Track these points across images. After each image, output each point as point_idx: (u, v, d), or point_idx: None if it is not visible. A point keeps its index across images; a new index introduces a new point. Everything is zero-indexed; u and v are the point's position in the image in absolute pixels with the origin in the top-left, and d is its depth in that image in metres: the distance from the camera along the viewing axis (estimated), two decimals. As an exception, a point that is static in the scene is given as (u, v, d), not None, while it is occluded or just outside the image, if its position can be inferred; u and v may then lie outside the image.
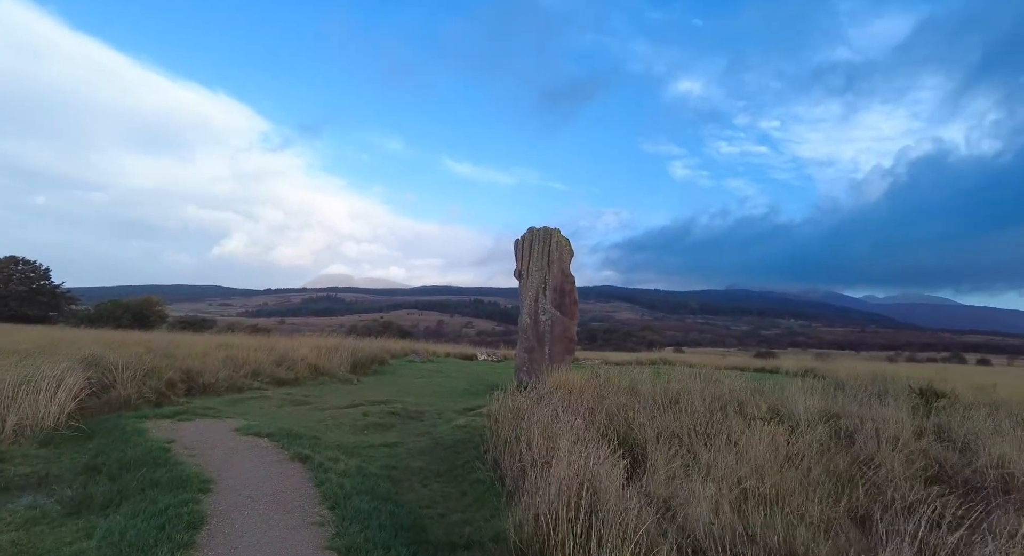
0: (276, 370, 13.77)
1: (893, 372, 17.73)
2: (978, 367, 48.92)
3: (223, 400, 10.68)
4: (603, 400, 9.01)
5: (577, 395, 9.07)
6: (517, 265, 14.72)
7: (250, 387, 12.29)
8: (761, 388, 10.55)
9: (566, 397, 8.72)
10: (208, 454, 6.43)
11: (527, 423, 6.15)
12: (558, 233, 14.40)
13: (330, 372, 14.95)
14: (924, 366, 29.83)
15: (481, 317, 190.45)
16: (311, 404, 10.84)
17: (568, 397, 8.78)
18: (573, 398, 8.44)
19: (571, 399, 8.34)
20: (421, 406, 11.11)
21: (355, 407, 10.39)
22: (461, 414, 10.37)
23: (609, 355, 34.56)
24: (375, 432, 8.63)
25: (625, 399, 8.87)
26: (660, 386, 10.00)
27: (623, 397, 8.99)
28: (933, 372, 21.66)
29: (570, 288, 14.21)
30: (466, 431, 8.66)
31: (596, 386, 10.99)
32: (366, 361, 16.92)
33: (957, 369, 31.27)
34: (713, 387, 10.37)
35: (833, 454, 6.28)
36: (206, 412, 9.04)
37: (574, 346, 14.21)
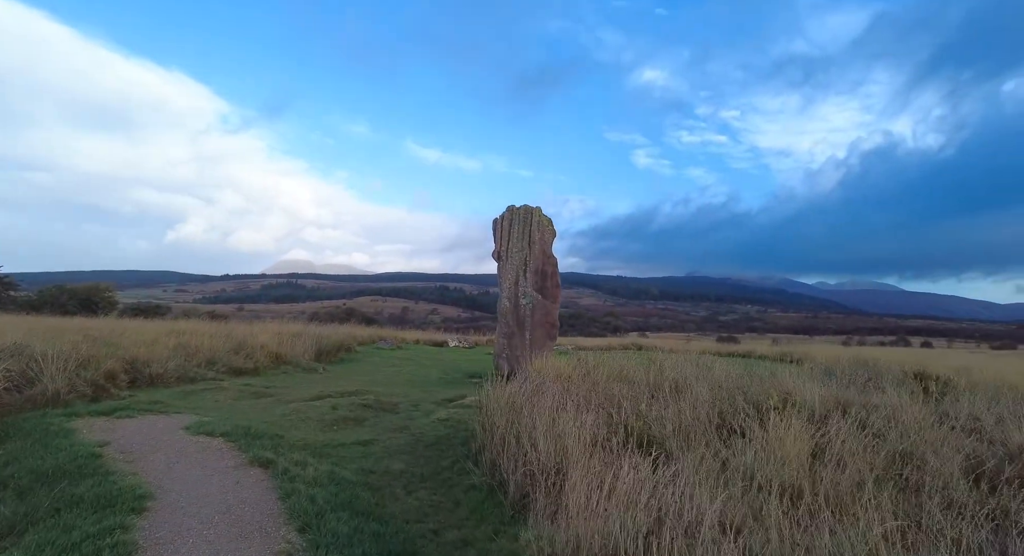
0: (233, 359, 12.62)
1: (870, 356, 17.60)
2: (922, 350, 50.64)
3: (173, 393, 9.55)
4: (595, 388, 8.29)
5: (574, 384, 8.32)
6: (496, 246, 13.86)
7: (204, 378, 11.15)
8: (755, 375, 10.01)
9: (562, 386, 7.96)
10: (149, 460, 5.42)
11: (527, 418, 5.34)
12: (539, 212, 13.57)
13: (293, 360, 13.85)
14: (895, 350, 30.29)
15: (447, 304, 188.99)
16: (273, 396, 9.81)
17: (564, 386, 8.01)
18: (571, 387, 7.67)
19: (569, 388, 7.57)
20: (395, 397, 10.20)
21: (322, 399, 9.41)
22: (440, 406, 9.51)
23: (580, 340, 34.11)
24: (346, 428, 7.70)
25: (622, 388, 8.16)
26: (654, 373, 9.33)
27: (619, 386, 8.28)
28: (907, 356, 21.83)
29: (552, 270, 13.43)
30: (449, 426, 7.81)
31: (584, 374, 10.28)
32: (332, 348, 15.84)
33: (920, 352, 31.98)
34: (707, 374, 9.77)
35: (866, 449, 5.68)
36: (152, 407, 7.94)
37: (556, 331, 13.48)
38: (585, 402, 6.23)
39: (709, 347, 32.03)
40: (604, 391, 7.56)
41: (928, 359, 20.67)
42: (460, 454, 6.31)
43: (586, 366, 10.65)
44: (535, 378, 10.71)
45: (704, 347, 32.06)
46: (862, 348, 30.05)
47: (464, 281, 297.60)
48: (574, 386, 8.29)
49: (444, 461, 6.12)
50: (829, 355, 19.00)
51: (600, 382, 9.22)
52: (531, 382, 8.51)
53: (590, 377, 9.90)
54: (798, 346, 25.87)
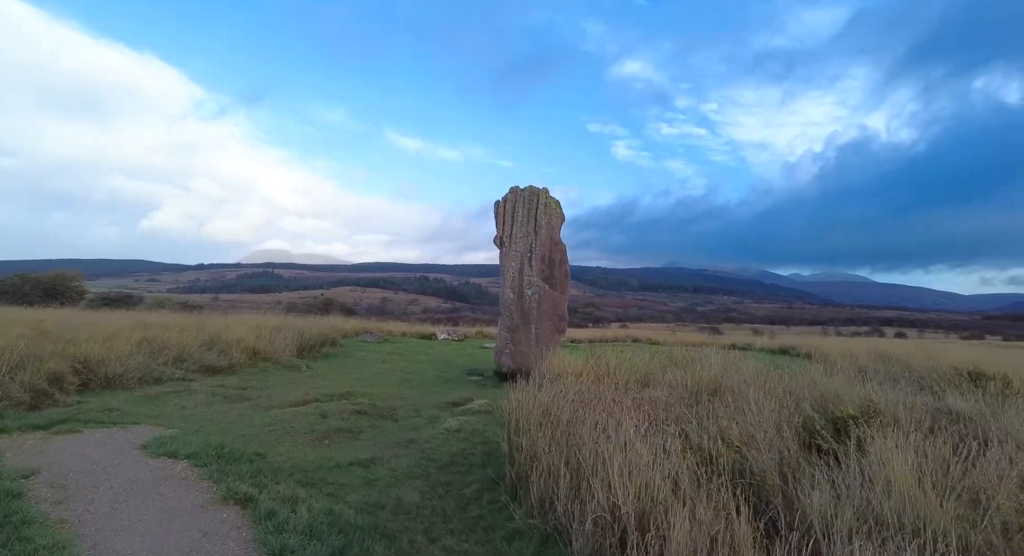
0: (206, 355, 11.24)
1: (887, 351, 16.80)
2: (897, 340, 50.79)
3: (133, 397, 8.20)
4: (628, 393, 7.18)
5: (603, 387, 7.19)
6: (497, 231, 12.63)
7: (172, 378, 9.79)
8: (789, 375, 8.99)
9: (590, 391, 6.81)
10: (88, 497, 4.14)
11: (588, 443, 4.17)
12: (546, 193, 12.37)
13: (273, 357, 12.50)
14: (897, 341, 29.67)
15: (427, 294, 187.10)
16: (251, 400, 8.52)
17: (593, 391, 6.87)
18: (600, 391, 6.52)
19: (601, 393, 6.42)
20: (391, 400, 8.97)
21: (309, 404, 8.14)
22: (444, 411, 8.32)
23: (571, 332, 33.07)
24: (340, 441, 6.46)
25: (660, 394, 7.06)
26: (689, 374, 8.24)
27: (659, 392, 7.17)
28: (914, 347, 21.14)
29: (561, 258, 12.26)
30: (462, 439, 6.62)
31: (605, 373, 9.16)
32: (315, 343, 14.50)
33: (906, 343, 31.48)
34: (737, 374, 8.72)
35: (971, 470, 4.64)
36: (104, 417, 6.62)
37: (565, 325, 12.34)
38: (646, 418, 5.07)
39: (702, 339, 31.26)
40: (649, 399, 6.44)
41: (921, 350, 20.04)
42: (485, 479, 5.14)
43: (605, 365, 9.54)
44: (547, 379, 9.56)
45: (694, 339, 31.28)
46: (874, 341, 29.39)
47: (445, 271, 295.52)
48: (603, 390, 7.17)
49: (468, 489, 4.94)
50: (838, 349, 18.16)
51: (628, 384, 8.13)
52: (554, 385, 7.37)
53: (612, 377, 8.80)
54: (804, 339, 25.15)
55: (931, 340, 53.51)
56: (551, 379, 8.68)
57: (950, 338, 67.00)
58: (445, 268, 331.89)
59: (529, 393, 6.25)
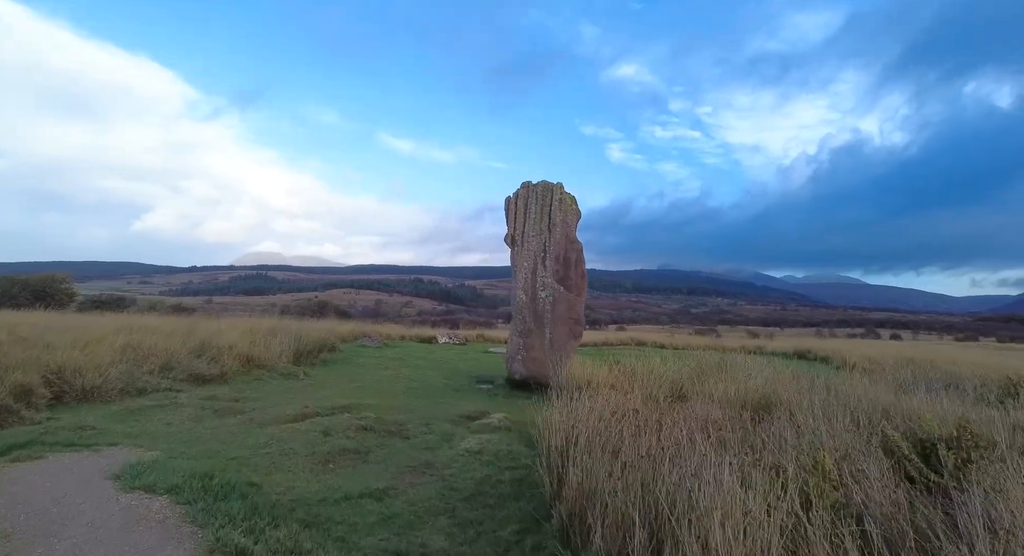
0: (195, 363, 10.38)
1: (912, 356, 16.11)
2: (888, 342, 50.33)
3: (111, 412, 7.34)
4: (670, 410, 6.42)
5: (633, 400, 6.41)
6: (508, 229, 11.85)
7: (157, 388, 8.93)
8: (834, 388, 8.23)
9: (628, 402, 6.03)
10: (40, 551, 3.32)
11: (641, 468, 3.37)
12: (561, 189, 11.59)
13: (268, 364, 11.65)
14: (920, 345, 29.08)
15: (422, 296, 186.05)
16: (244, 413, 7.68)
17: (628, 401, 6.09)
18: (657, 409, 5.74)
19: (651, 409, 5.62)
20: (398, 413, 8.16)
21: (309, 419, 7.31)
22: (459, 426, 7.51)
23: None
24: (347, 465, 5.65)
25: (710, 410, 6.28)
26: (732, 385, 7.46)
27: (703, 406, 6.39)
28: (931, 350, 20.50)
29: (577, 257, 11.49)
30: (485, 462, 5.82)
31: (634, 384, 8.38)
32: (312, 348, 13.64)
33: (907, 346, 30.91)
34: (782, 384, 7.94)
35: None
36: (74, 438, 5.77)
37: (582, 329, 11.55)
38: (717, 443, 4.26)
39: (708, 343, 30.58)
40: (700, 417, 5.65)
41: (943, 354, 19.41)
42: (523, 516, 4.34)
43: (633, 374, 8.77)
44: (571, 389, 8.78)
45: (701, 342, 30.59)
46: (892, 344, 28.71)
47: (439, 273, 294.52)
48: (640, 405, 6.39)
49: (503, 530, 4.14)
50: (858, 353, 17.46)
51: (664, 398, 7.35)
52: (585, 399, 6.59)
53: (643, 389, 8.03)
54: (817, 342, 24.48)
55: (934, 342, 53.07)
56: (574, 390, 7.89)
57: (944, 340, 66.67)
58: (439, 270, 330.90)
59: (564, 409, 5.47)
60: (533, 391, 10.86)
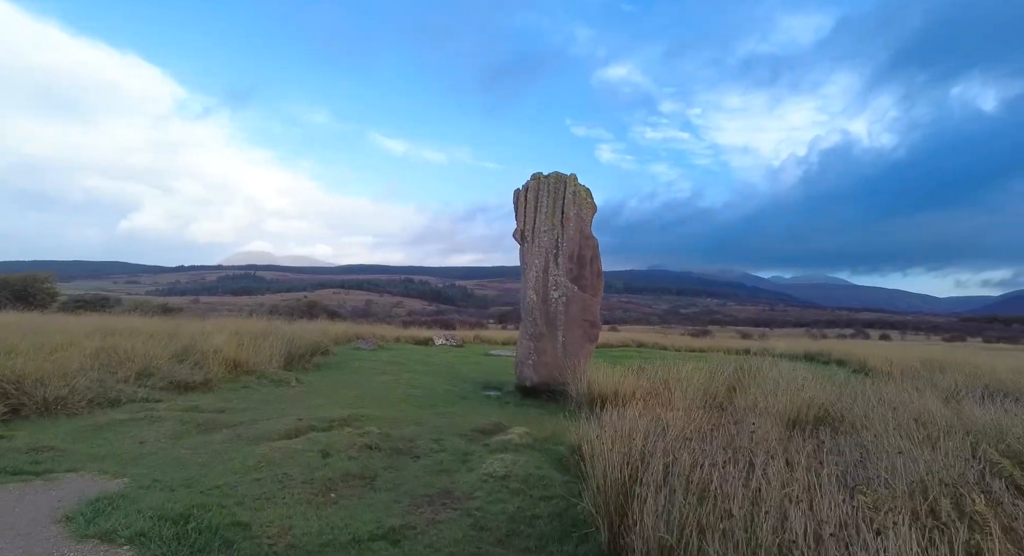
0: (177, 369, 9.46)
1: (933, 359, 15.44)
2: (882, 342, 50.14)
3: (76, 427, 6.43)
4: (733, 428, 5.63)
5: (676, 414, 5.60)
6: (518, 224, 11.02)
7: (132, 398, 8.01)
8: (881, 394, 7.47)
9: (670, 417, 5.22)
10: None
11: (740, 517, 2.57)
12: (575, 181, 10.78)
13: (257, 369, 10.74)
14: (901, 345, 28.52)
15: (412, 297, 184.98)
16: (230, 427, 6.78)
17: (669, 416, 5.28)
18: (710, 425, 4.93)
19: (697, 425, 4.82)
20: (404, 426, 7.31)
21: (304, 435, 6.44)
22: (474, 442, 6.66)
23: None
24: (351, 495, 4.79)
25: (765, 425, 5.48)
26: (784, 395, 6.67)
27: (760, 422, 5.58)
28: (944, 352, 19.87)
29: (592, 254, 10.68)
30: (514, 490, 4.97)
31: (665, 394, 7.59)
32: (305, 352, 12.73)
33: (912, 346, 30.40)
34: (836, 394, 7.17)
35: None
36: (27, 463, 4.88)
37: (598, 332, 10.74)
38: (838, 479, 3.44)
39: (708, 344, 29.93)
40: (761, 435, 4.86)
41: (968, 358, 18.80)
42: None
43: (662, 383, 7.97)
44: (592, 398, 7.98)
45: (702, 344, 29.95)
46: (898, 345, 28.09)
47: (430, 274, 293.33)
48: (686, 421, 5.59)
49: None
50: (877, 355, 16.77)
51: (700, 409, 6.56)
52: (623, 412, 5.79)
53: (677, 398, 7.24)
54: (828, 344, 23.84)
55: (923, 342, 52.84)
56: (600, 400, 7.10)
57: (931, 340, 66.80)
58: (430, 270, 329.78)
59: (612, 427, 4.66)
60: (546, 399, 10.05)
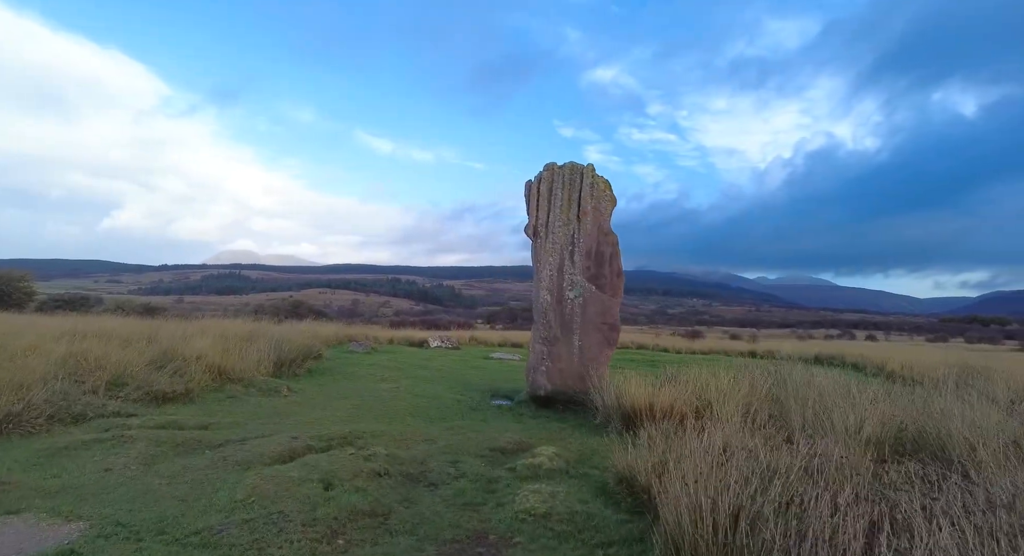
0: (154, 377, 8.48)
1: (964, 362, 14.76)
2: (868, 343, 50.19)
3: (31, 451, 5.47)
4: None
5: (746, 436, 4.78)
6: (530, 219, 10.17)
7: (101, 413, 7.05)
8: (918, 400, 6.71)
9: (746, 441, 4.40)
10: None
11: None
12: (592, 171, 9.96)
13: (244, 377, 9.78)
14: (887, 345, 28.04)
15: (399, 296, 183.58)
16: (214, 449, 5.86)
17: (745, 440, 4.47)
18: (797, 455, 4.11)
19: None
20: (413, 445, 6.44)
21: (300, 457, 5.53)
22: (497, 466, 5.79)
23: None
24: (363, 541, 3.89)
25: (837, 450, 4.67)
26: (852, 412, 5.87)
27: (830, 445, 4.77)
28: (964, 354, 19.28)
29: (612, 251, 9.85)
30: (562, 533, 4.09)
31: (704, 406, 6.78)
32: (296, 356, 11.76)
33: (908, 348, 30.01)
34: (915, 408, 6.39)
35: None
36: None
37: (617, 335, 9.90)
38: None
39: (709, 345, 29.30)
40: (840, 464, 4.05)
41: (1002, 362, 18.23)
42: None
43: (699, 394, 7.15)
44: (621, 411, 7.15)
45: (703, 345, 29.32)
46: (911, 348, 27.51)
47: (417, 273, 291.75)
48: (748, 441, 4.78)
49: None
50: (899, 359, 16.07)
51: (748, 428, 5.75)
52: (682, 433, 4.98)
53: (720, 413, 6.43)
54: (834, 346, 23.25)
55: (907, 343, 52.78)
56: (635, 415, 6.29)
57: (915, 340, 67.20)
58: (417, 270, 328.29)
59: (680, 454, 3.83)
60: (563, 410, 9.22)
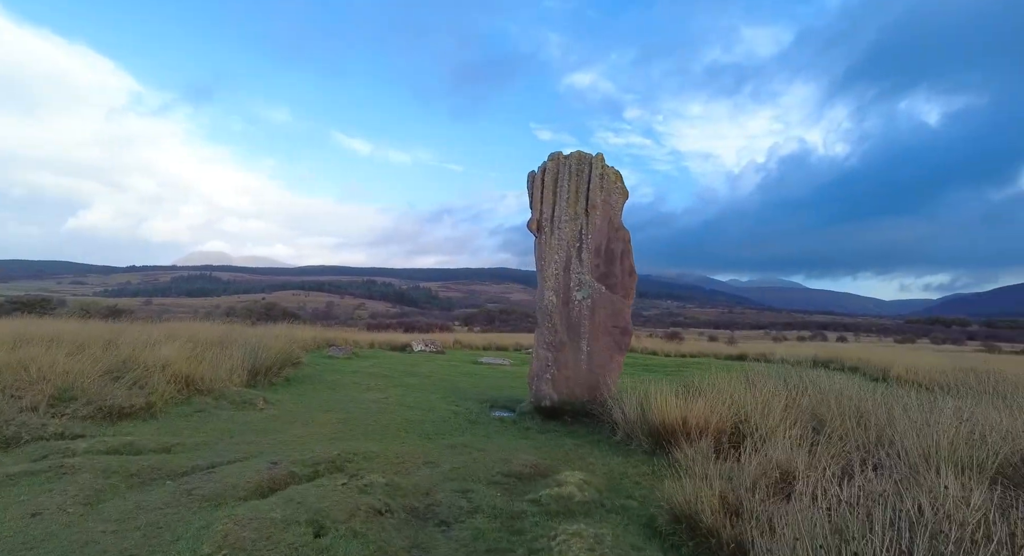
0: (109, 390, 7.40)
1: (969, 366, 14.35)
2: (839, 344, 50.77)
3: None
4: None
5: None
6: (533, 213, 9.32)
7: (40, 435, 5.97)
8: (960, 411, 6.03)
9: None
10: None
11: None
12: (601, 161, 9.15)
13: (215, 387, 8.71)
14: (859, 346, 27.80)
15: (375, 298, 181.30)
16: (176, 477, 4.88)
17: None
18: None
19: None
20: (412, 469, 5.53)
21: (282, 489, 4.59)
22: (516, 497, 4.91)
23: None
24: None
25: (955, 485, 3.91)
26: (938, 431, 5.12)
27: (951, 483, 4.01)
28: (956, 357, 19.00)
29: (623, 248, 9.05)
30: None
31: (742, 421, 6.01)
32: (273, 363, 10.69)
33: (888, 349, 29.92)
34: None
35: None
36: None
37: (629, 340, 9.08)
38: None
39: (696, 348, 28.78)
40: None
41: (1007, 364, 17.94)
42: None
43: (727, 406, 6.37)
44: (649, 429, 6.35)
45: (688, 347, 28.79)
46: (972, 355, 27.14)
47: (393, 275, 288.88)
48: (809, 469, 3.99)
49: None
50: (902, 362, 15.54)
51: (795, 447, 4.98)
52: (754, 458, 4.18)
53: (783, 431, 5.67)
54: (842, 350, 22.80)
55: (876, 344, 53.29)
56: (655, 430, 5.49)
57: (884, 341, 68.35)
58: (394, 272, 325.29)
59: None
60: (571, 423, 8.37)
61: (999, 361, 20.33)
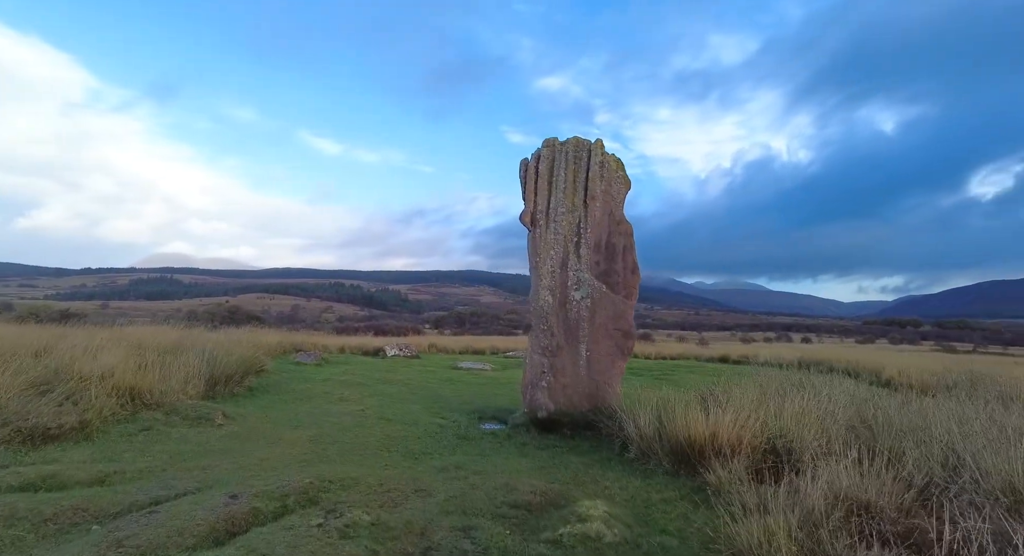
0: (33, 406, 6.27)
1: (964, 367, 14.04)
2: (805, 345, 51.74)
3: None
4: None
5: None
6: (527, 205, 8.49)
7: (-59, 463, 4.87)
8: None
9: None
10: None
11: None
12: (601, 148, 8.38)
13: (165, 400, 7.61)
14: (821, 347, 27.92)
15: (343, 301, 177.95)
16: (106, 520, 3.89)
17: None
18: None
19: None
20: (401, 502, 4.62)
21: (242, 534, 3.65)
22: (529, 535, 4.07)
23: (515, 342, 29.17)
24: None
25: None
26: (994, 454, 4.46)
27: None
28: (932, 360, 18.88)
29: (625, 243, 8.29)
30: None
31: (777, 438, 5.29)
32: (234, 371, 9.58)
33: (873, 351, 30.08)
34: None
35: None
36: None
37: (632, 344, 8.31)
38: None
39: (680, 350, 28.36)
40: None
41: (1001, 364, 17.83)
42: None
43: (759, 421, 5.65)
44: (671, 446, 5.59)
45: (670, 350, 28.36)
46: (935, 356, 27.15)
47: (362, 278, 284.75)
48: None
49: None
50: (894, 363, 15.20)
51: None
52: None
53: (802, 449, 4.96)
54: (828, 351, 22.57)
55: (838, 344, 54.17)
56: (679, 447, 4.74)
57: (845, 342, 70.03)
58: (363, 274, 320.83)
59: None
60: (571, 436, 7.54)
61: (969, 361, 20.37)
